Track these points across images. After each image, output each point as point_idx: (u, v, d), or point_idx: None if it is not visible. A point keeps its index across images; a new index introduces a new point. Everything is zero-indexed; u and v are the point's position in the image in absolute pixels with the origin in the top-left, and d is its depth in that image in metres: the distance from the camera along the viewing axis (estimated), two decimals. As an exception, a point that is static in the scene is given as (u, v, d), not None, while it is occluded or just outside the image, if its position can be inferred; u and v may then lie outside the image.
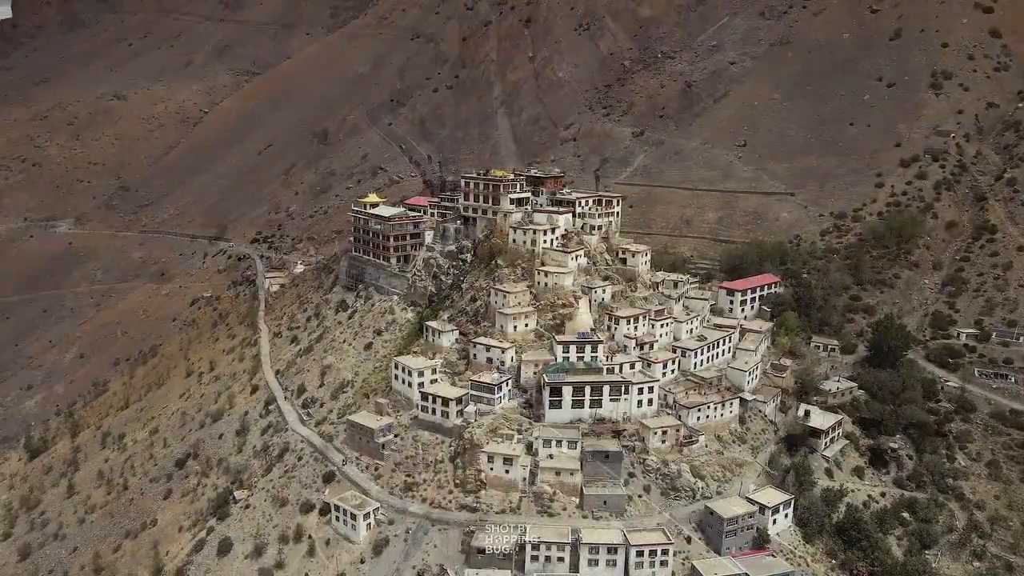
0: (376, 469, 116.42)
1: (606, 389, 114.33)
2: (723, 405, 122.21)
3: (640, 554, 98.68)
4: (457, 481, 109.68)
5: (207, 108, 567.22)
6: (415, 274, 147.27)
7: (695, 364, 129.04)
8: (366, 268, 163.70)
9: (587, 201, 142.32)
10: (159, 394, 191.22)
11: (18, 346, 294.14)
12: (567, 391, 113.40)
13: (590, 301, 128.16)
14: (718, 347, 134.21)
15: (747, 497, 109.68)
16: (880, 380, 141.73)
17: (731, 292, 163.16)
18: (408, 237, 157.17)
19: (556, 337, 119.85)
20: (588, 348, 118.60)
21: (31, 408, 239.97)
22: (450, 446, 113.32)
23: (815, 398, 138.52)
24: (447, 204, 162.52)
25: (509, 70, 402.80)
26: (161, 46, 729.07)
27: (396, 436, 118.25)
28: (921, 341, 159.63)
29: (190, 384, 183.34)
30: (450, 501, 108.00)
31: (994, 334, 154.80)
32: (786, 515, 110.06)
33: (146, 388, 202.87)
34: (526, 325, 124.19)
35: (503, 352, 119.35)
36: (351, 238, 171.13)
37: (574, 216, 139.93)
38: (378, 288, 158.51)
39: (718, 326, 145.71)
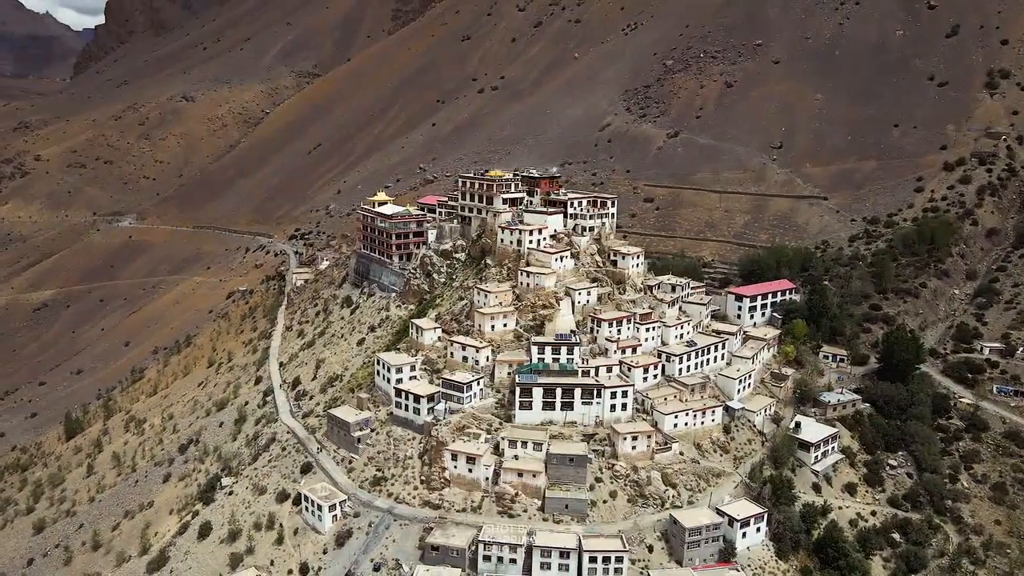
0: (350, 462, 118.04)
1: (577, 392, 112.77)
2: (704, 413, 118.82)
3: (593, 560, 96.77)
4: (423, 478, 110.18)
5: (268, 109, 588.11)
6: (410, 272, 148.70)
7: (680, 370, 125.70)
8: (371, 265, 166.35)
9: (580, 202, 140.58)
10: (183, 382, 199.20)
11: (75, 332, 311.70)
12: (537, 392, 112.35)
13: (573, 303, 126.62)
14: (707, 353, 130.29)
15: (717, 508, 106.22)
16: (887, 394, 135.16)
17: (739, 298, 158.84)
18: (411, 236, 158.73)
19: (532, 338, 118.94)
20: (564, 350, 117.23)
21: (78, 391, 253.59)
22: (420, 443, 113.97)
23: (813, 410, 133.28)
24: (452, 204, 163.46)
25: (554, 71, 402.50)
26: (232, 49, 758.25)
27: (372, 431, 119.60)
28: (941, 354, 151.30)
29: (209, 373, 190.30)
30: (414, 497, 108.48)
31: (1021, 349, 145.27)
32: (758, 529, 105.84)
33: (174, 376, 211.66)
34: (504, 325, 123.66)
35: (477, 351, 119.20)
36: (360, 236, 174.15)
37: (565, 217, 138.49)
38: (380, 285, 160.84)
39: (717, 332, 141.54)
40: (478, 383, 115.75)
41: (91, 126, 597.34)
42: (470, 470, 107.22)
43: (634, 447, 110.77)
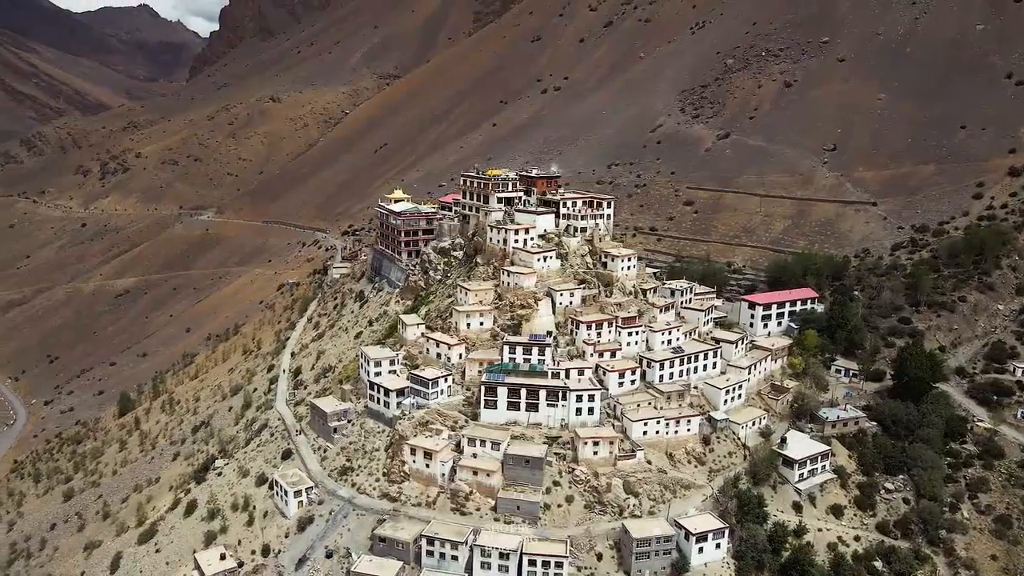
0: (325, 451, 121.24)
1: (543, 394, 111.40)
2: (678, 422, 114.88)
3: (533, 563, 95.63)
4: (385, 471, 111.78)
5: (348, 109, 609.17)
6: (409, 268, 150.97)
7: (661, 376, 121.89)
8: (383, 261, 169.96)
9: (574, 202, 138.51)
10: (219, 368, 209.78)
11: (147, 318, 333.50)
12: (502, 392, 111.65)
13: (554, 303, 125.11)
14: (695, 361, 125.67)
15: (675, 520, 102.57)
16: (893, 413, 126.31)
17: (751, 305, 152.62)
18: (420, 233, 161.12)
19: (505, 337, 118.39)
20: (535, 350, 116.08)
21: (140, 372, 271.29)
22: (388, 436, 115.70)
23: (810, 425, 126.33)
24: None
25: (618, 71, 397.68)
26: (322, 53, 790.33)
27: (348, 422, 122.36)
28: (968, 374, 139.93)
29: (240, 360, 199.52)
30: (375, 489, 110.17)
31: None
32: (718, 545, 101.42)
33: (215, 362, 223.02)
34: (481, 324, 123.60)
35: (449, 348, 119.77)
36: (377, 232, 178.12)
37: (558, 217, 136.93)
38: (389, 281, 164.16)
39: (716, 340, 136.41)
40: (445, 380, 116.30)
41: (187, 126, 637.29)
42: (427, 465, 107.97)
43: (595, 452, 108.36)
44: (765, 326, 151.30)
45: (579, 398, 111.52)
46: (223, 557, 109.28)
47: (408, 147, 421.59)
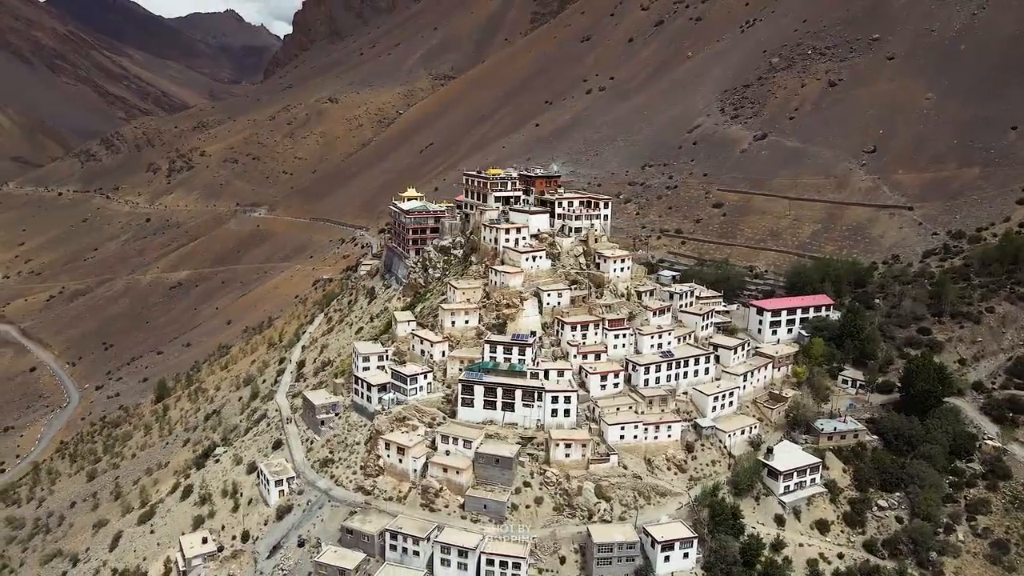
0: (311, 442, 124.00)
1: (518, 394, 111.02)
2: (657, 427, 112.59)
3: (491, 563, 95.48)
4: (362, 464, 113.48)
5: (402, 110, 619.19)
6: (411, 266, 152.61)
7: (646, 380, 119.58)
8: (394, 258, 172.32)
9: (570, 202, 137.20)
10: (246, 360, 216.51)
11: (196, 310, 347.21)
12: (479, 390, 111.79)
13: (541, 303, 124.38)
14: (684, 366, 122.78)
15: (643, 527, 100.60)
16: (895, 427, 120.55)
17: (760, 311, 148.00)
18: (427, 231, 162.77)
19: (487, 336, 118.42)
20: (516, 350, 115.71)
21: (182, 361, 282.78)
22: (368, 430, 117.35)
23: (804, 437, 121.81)
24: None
25: (664, 71, 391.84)
26: (382, 55, 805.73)
27: (336, 415, 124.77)
28: (987, 389, 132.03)
29: (263, 353, 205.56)
30: (351, 481, 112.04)
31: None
32: (686, 555, 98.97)
33: (244, 354, 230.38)
34: (466, 322, 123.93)
35: (432, 345, 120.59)
36: (390, 230, 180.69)
37: (552, 217, 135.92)
38: (397, 278, 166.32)
39: (714, 345, 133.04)
40: (425, 376, 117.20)
41: (250, 125, 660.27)
42: (400, 460, 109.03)
43: (568, 455, 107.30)
44: (774, 333, 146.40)
45: (555, 399, 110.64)
46: (205, 541, 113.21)
47: (452, 147, 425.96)
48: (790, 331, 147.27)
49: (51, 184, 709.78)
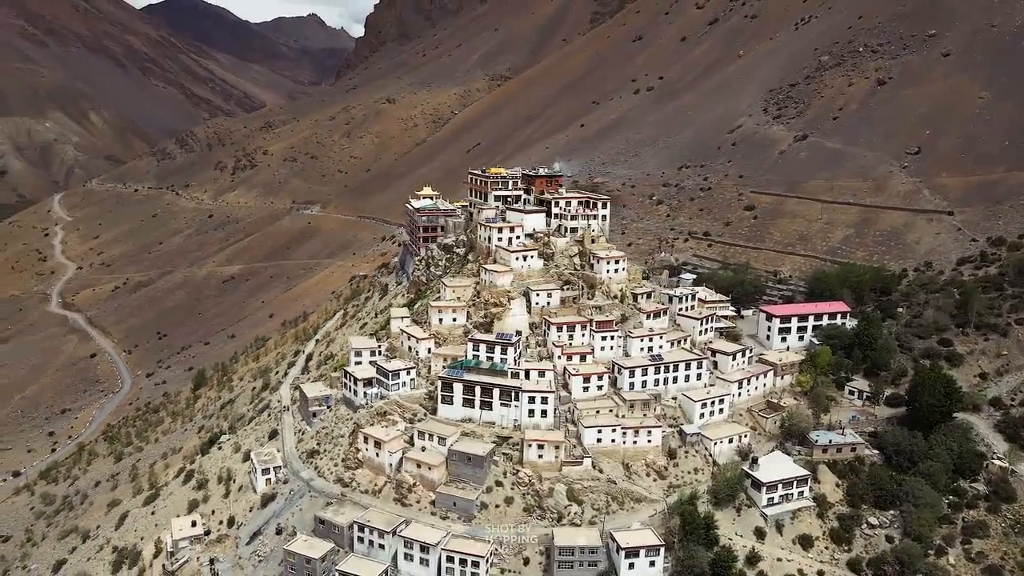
0: (303, 433, 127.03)
1: (496, 392, 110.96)
2: (637, 432, 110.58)
3: (451, 560, 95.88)
4: (344, 456, 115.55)
5: (457, 110, 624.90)
6: (416, 264, 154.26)
7: (632, 384, 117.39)
8: (407, 256, 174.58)
9: (567, 202, 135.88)
10: (274, 352, 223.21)
11: (244, 303, 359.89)
12: (457, 388, 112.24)
13: (529, 303, 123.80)
14: (674, 371, 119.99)
15: (610, 533, 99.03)
16: (896, 441, 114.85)
17: (768, 317, 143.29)
18: (439, 229, 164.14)
19: (471, 335, 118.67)
20: (498, 349, 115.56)
21: (224, 352, 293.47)
22: (352, 423, 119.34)
23: (797, 448, 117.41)
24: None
25: (713, 70, 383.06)
26: (443, 56, 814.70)
27: (327, 408, 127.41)
28: (1005, 405, 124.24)
29: (289, 345, 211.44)
30: (331, 473, 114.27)
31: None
32: (652, 563, 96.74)
33: (276, 347, 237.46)
34: (454, 320, 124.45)
35: (418, 342, 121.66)
36: (406, 228, 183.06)
37: (548, 216, 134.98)
38: (407, 275, 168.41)
39: (714, 351, 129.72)
40: (408, 372, 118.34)
41: (311, 125, 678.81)
42: (377, 454, 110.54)
43: (540, 455, 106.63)
44: (783, 340, 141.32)
45: (531, 399, 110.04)
46: (194, 524, 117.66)
47: (498, 147, 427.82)
48: (801, 338, 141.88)
49: (130, 181, 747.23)
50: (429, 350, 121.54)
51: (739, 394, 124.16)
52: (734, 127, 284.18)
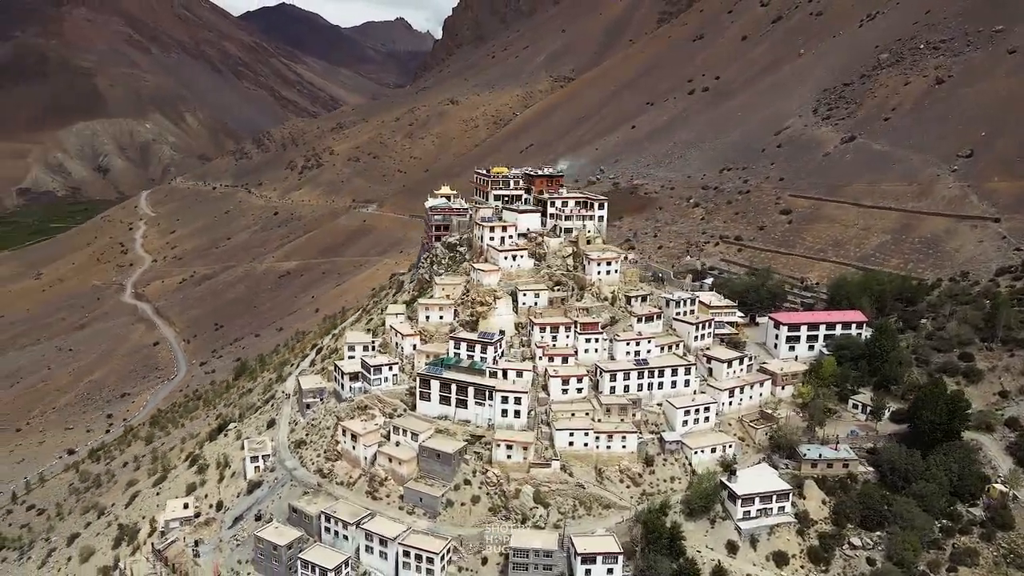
0: (295, 423, 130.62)
1: (471, 391, 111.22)
2: (611, 437, 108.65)
3: (407, 555, 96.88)
4: (326, 448, 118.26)
5: (519, 111, 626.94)
6: (421, 262, 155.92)
7: (612, 388, 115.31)
8: (422, 254, 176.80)
9: (563, 203, 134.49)
10: (301, 346, 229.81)
11: (296, 297, 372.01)
12: (435, 386, 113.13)
13: (516, 303, 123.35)
14: (659, 376, 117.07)
15: (570, 537, 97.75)
16: (890, 460, 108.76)
17: (777, 324, 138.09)
18: (448, 228, 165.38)
19: (453, 333, 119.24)
20: (479, 348, 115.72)
21: (270, 344, 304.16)
22: (335, 416, 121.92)
23: (785, 461, 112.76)
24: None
25: (770, 70, 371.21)
26: (509, 57, 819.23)
27: (320, 400, 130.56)
28: (1022, 427, 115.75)
29: (318, 339, 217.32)
30: (313, 463, 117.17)
31: None
32: (610, 570, 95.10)
33: (312, 340, 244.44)
34: (441, 317, 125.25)
35: (403, 338, 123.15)
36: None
37: (544, 216, 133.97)
38: (421, 274, 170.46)
39: (709, 358, 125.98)
40: (390, 368, 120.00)
41: (378, 126, 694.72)
42: (353, 447, 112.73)
43: (509, 456, 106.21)
44: (791, 348, 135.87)
45: (504, 399, 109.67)
46: (186, 507, 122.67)
47: (549, 148, 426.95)
48: (811, 348, 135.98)
49: (209, 179, 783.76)
50: (414, 347, 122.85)
51: (730, 403, 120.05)
52: (781, 128, 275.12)
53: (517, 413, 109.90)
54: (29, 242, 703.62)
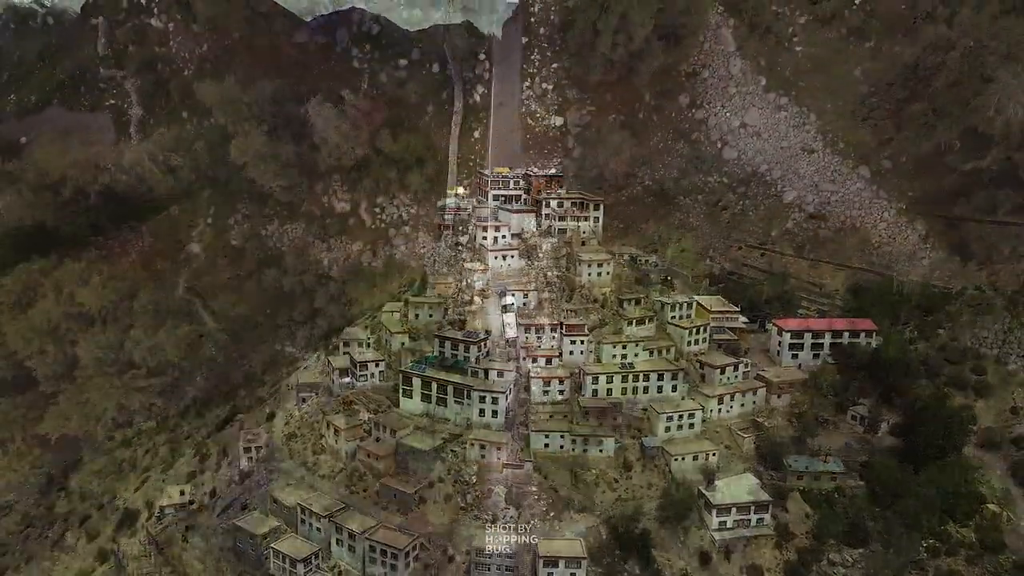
0: (291, 416, 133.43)
1: (450, 389, 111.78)
2: (587, 440, 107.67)
3: (373, 549, 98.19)
4: (313, 441, 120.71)
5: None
6: (428, 260, 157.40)
7: (594, 391, 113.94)
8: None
9: (559, 203, 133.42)
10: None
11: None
12: (416, 383, 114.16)
13: (504, 303, 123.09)
14: (644, 380, 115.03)
15: (534, 540, 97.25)
16: (880, 475, 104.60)
17: (780, 331, 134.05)
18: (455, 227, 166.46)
19: (438, 332, 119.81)
20: (462, 347, 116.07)
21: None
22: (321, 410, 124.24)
23: (770, 472, 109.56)
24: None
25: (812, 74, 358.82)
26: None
27: (315, 394, 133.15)
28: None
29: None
30: (300, 456, 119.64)
31: None
32: (572, 574, 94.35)
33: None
34: (430, 315, 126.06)
35: (392, 335, 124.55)
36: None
37: (539, 217, 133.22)
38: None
39: (702, 363, 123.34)
40: (376, 364, 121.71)
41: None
42: (335, 442, 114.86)
43: (483, 456, 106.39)
44: (794, 356, 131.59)
45: (482, 399, 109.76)
46: (182, 493, 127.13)
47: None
48: (816, 356, 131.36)
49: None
50: (403, 344, 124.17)
51: (719, 410, 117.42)
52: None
53: (495, 413, 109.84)
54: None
